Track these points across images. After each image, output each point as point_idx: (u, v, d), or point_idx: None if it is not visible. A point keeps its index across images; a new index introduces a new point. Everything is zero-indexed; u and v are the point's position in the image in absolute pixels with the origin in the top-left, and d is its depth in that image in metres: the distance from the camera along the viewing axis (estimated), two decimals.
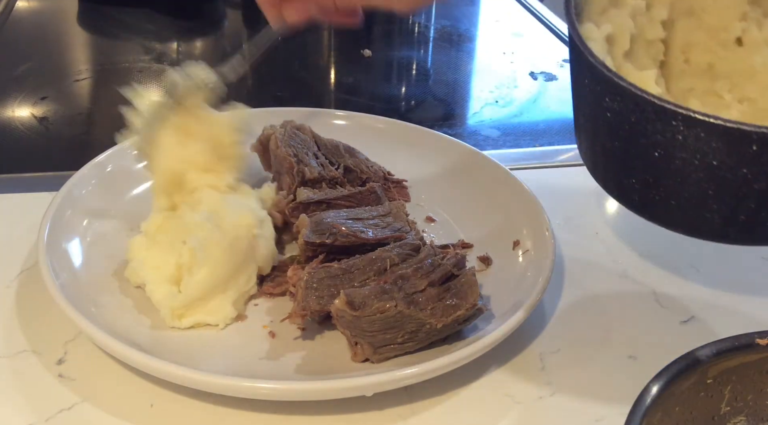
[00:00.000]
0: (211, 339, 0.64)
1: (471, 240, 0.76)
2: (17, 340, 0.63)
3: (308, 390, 0.56)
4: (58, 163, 0.88)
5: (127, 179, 0.80)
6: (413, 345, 0.61)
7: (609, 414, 0.60)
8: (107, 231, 0.74)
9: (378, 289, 0.60)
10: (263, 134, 0.81)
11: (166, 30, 1.38)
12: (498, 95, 1.17)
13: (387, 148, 0.87)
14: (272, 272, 0.71)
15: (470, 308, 0.60)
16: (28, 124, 1.02)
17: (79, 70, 1.20)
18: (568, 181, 0.91)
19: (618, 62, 0.58)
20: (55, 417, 0.57)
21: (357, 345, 0.61)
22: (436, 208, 0.82)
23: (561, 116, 1.12)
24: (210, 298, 0.65)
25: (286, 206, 0.72)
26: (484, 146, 0.99)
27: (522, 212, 0.76)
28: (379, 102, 1.18)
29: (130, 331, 0.62)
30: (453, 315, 0.59)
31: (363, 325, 0.59)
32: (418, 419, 0.58)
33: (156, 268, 0.66)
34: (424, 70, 1.33)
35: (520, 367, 0.64)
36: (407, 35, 1.48)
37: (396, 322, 0.59)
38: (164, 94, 0.71)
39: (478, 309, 0.61)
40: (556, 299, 0.71)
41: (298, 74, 1.25)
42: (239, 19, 1.47)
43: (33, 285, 0.68)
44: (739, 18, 0.60)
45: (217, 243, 0.65)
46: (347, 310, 0.58)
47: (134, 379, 0.60)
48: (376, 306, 0.58)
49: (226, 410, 0.58)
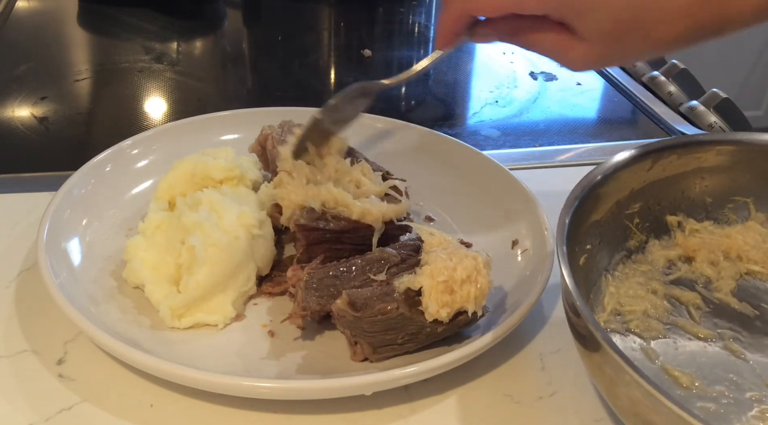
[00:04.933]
0: (211, 339, 0.64)
1: (470, 239, 0.76)
2: (17, 340, 0.63)
3: (308, 390, 0.56)
4: (58, 163, 0.88)
5: (126, 179, 0.81)
6: (413, 345, 0.61)
7: (609, 414, 0.60)
8: (107, 231, 0.74)
9: (380, 291, 0.60)
10: (261, 134, 0.81)
11: (166, 30, 1.38)
12: (498, 95, 1.17)
13: (387, 148, 0.87)
14: (271, 272, 0.71)
15: (473, 313, 0.60)
16: (28, 124, 1.02)
17: (79, 70, 1.20)
18: (567, 181, 0.91)
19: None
20: (55, 417, 0.57)
21: (356, 345, 0.61)
22: (435, 207, 0.82)
23: (561, 116, 1.12)
24: (209, 298, 0.65)
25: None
26: (484, 146, 0.99)
27: (521, 212, 0.76)
28: (379, 102, 1.17)
29: (130, 331, 0.62)
30: (455, 320, 0.59)
31: (364, 326, 0.59)
32: (418, 418, 0.59)
33: (155, 268, 0.66)
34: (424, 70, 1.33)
35: (520, 367, 0.64)
36: (407, 35, 1.48)
37: (397, 324, 0.59)
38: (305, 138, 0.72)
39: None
40: (556, 299, 0.71)
41: (298, 74, 1.25)
42: (239, 19, 1.47)
43: (33, 285, 0.68)
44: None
45: (217, 243, 0.65)
46: (349, 311, 0.58)
47: (134, 379, 0.60)
48: (378, 307, 0.58)
49: (226, 410, 0.58)
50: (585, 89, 1.21)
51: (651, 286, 0.67)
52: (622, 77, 1.23)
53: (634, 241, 0.70)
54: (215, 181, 0.75)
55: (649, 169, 0.68)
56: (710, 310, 0.66)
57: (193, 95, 1.17)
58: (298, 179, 0.72)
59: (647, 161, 0.67)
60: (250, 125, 0.86)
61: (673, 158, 0.68)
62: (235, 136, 0.90)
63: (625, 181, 0.66)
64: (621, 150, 0.67)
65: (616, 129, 1.10)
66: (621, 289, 0.66)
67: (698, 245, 0.70)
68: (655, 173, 0.68)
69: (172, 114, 1.09)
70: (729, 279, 0.68)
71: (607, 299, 0.65)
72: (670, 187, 0.70)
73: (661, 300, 0.66)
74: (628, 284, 0.67)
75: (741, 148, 0.70)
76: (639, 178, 0.68)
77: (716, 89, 1.13)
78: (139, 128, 1.01)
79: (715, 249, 0.70)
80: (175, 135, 0.87)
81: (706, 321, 0.65)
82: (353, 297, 0.59)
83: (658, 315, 0.64)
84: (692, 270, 0.70)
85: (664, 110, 1.12)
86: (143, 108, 1.11)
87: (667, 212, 0.71)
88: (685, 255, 0.70)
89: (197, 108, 1.03)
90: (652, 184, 0.69)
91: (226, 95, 1.21)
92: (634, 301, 0.65)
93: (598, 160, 0.97)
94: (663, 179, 0.69)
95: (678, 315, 0.65)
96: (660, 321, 0.64)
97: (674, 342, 0.62)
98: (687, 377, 0.58)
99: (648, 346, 0.61)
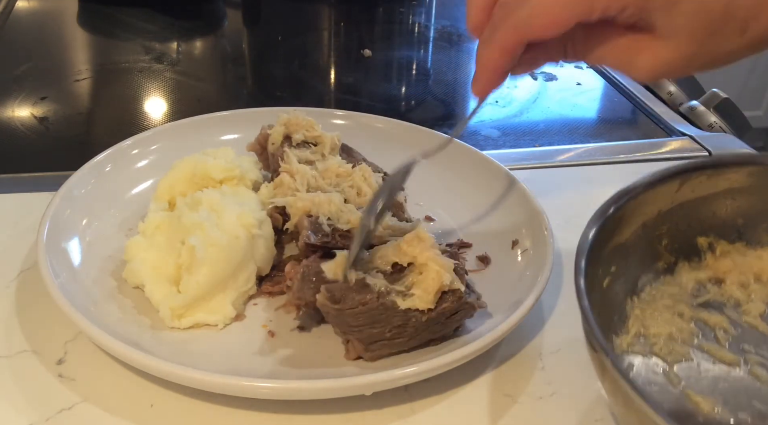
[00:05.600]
0: (211, 339, 0.64)
1: (470, 239, 0.76)
2: (17, 340, 0.63)
3: (308, 390, 0.56)
4: (58, 163, 0.88)
5: (126, 179, 0.81)
6: (404, 341, 0.61)
7: (609, 414, 0.60)
8: (107, 230, 0.74)
9: (359, 283, 0.60)
10: (261, 134, 0.81)
11: (166, 30, 1.38)
12: (498, 95, 1.17)
13: (387, 148, 0.87)
14: (271, 272, 0.71)
15: (456, 301, 0.60)
16: (28, 124, 1.02)
17: (79, 70, 1.20)
18: (568, 181, 0.91)
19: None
20: (55, 417, 0.57)
21: (348, 343, 0.61)
22: (435, 207, 0.82)
23: (561, 116, 1.12)
24: (209, 298, 0.65)
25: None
26: (484, 146, 0.99)
27: (521, 211, 0.76)
28: (379, 102, 1.18)
29: (130, 331, 0.62)
30: (440, 307, 0.59)
31: (348, 320, 0.59)
32: (418, 418, 0.59)
33: (155, 269, 0.66)
34: (424, 70, 1.33)
35: (520, 367, 0.64)
36: (407, 35, 1.48)
37: (380, 315, 0.59)
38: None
39: (467, 303, 0.61)
40: (556, 299, 0.71)
41: (298, 74, 1.25)
42: (239, 19, 1.47)
43: (33, 285, 0.68)
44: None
45: (217, 243, 0.65)
46: (329, 304, 0.58)
47: (134, 379, 0.60)
48: (357, 298, 0.58)
49: (226, 410, 0.58)
50: (585, 89, 1.21)
51: (678, 309, 0.65)
52: (622, 77, 1.23)
53: (662, 263, 0.68)
54: (215, 181, 0.75)
55: (677, 190, 0.65)
56: (738, 334, 0.64)
57: (193, 95, 1.17)
58: (300, 183, 0.72)
59: (674, 183, 0.65)
60: (250, 125, 0.86)
61: (702, 179, 0.66)
62: (235, 136, 0.90)
63: (651, 202, 0.64)
64: (621, 150, 0.66)
65: (616, 129, 1.10)
66: (647, 312, 0.64)
67: (729, 267, 0.68)
68: (683, 194, 0.66)
69: (172, 114, 1.09)
70: (759, 302, 0.67)
71: (632, 321, 0.63)
72: (699, 208, 0.68)
73: (687, 323, 0.64)
74: (655, 306, 0.65)
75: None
76: (666, 200, 0.66)
77: (716, 89, 1.13)
78: (139, 128, 1.01)
79: (746, 271, 0.68)
80: (175, 135, 0.87)
81: (732, 345, 0.63)
82: (332, 290, 0.59)
83: (683, 339, 0.63)
84: (722, 292, 0.68)
85: (664, 110, 1.12)
86: (143, 108, 1.11)
87: (697, 233, 0.69)
88: (715, 277, 0.69)
89: (197, 108, 1.03)
90: (681, 205, 0.66)
91: (226, 95, 1.21)
92: (659, 324, 0.63)
93: (598, 159, 0.98)
94: (692, 200, 0.67)
95: (704, 338, 0.64)
96: (685, 345, 0.63)
97: (698, 366, 0.61)
98: (709, 403, 0.57)
99: (671, 371, 0.60)
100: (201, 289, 0.64)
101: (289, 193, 0.71)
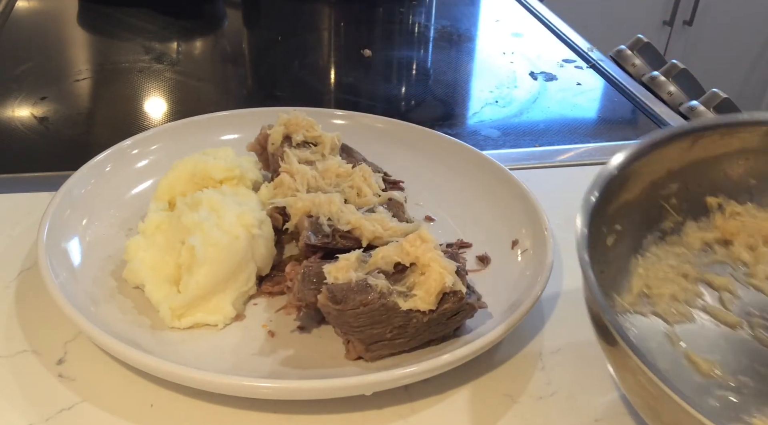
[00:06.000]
0: (211, 339, 0.64)
1: (470, 239, 0.76)
2: (17, 340, 0.63)
3: (308, 390, 0.56)
4: (58, 163, 0.88)
5: (126, 179, 0.81)
6: (404, 341, 0.61)
7: (609, 414, 0.60)
8: (106, 230, 0.74)
9: (361, 283, 0.60)
10: (261, 134, 0.81)
11: (166, 30, 1.38)
12: (498, 95, 1.17)
13: (387, 148, 0.87)
14: (271, 272, 0.71)
15: (457, 302, 0.60)
16: (28, 124, 1.02)
17: (79, 70, 1.20)
18: (568, 181, 0.91)
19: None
20: (55, 417, 0.57)
21: (349, 343, 0.61)
22: (435, 207, 0.82)
23: (561, 116, 1.12)
24: (209, 298, 0.65)
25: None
26: (484, 146, 0.99)
27: (521, 212, 0.76)
28: (379, 102, 1.18)
29: (130, 331, 0.62)
30: (441, 307, 0.59)
31: (349, 320, 0.59)
32: (418, 418, 0.59)
33: (155, 268, 0.66)
34: (424, 70, 1.33)
35: (520, 367, 0.64)
36: (407, 35, 1.48)
37: (381, 316, 0.59)
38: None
39: (468, 304, 0.61)
40: (556, 299, 0.71)
41: (298, 74, 1.25)
42: (239, 19, 1.47)
43: (33, 285, 0.68)
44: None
45: (216, 243, 0.65)
46: (330, 304, 0.58)
47: (134, 379, 0.60)
48: (359, 299, 0.58)
49: (226, 410, 0.58)
50: (585, 89, 1.21)
51: (683, 269, 0.64)
52: (622, 77, 1.23)
53: (669, 222, 0.66)
54: (215, 181, 0.75)
55: (689, 148, 0.64)
56: (743, 297, 0.62)
57: (193, 95, 1.17)
58: (300, 183, 0.72)
59: (687, 140, 0.63)
60: (250, 125, 0.87)
61: (715, 138, 0.64)
62: (235, 136, 0.90)
63: (661, 160, 0.63)
64: (621, 150, 0.66)
65: (616, 129, 1.10)
66: (650, 271, 0.63)
67: (738, 228, 0.66)
68: (695, 153, 0.64)
69: (172, 114, 1.09)
70: (766, 265, 0.65)
71: (635, 280, 0.61)
72: (711, 168, 0.66)
73: (692, 284, 0.63)
74: (659, 266, 0.63)
75: None
76: (677, 158, 0.64)
77: (716, 89, 1.13)
78: (139, 128, 1.01)
79: (755, 233, 0.66)
80: (175, 135, 0.87)
81: (737, 307, 0.61)
82: (333, 291, 0.59)
83: (687, 299, 0.61)
84: (729, 254, 0.66)
85: (664, 110, 1.12)
86: (143, 108, 1.11)
87: (707, 193, 0.67)
88: (722, 239, 0.66)
89: (197, 108, 1.03)
90: (692, 164, 0.65)
91: (226, 95, 1.21)
92: (662, 284, 0.62)
93: (598, 159, 0.97)
94: (704, 159, 0.65)
95: (708, 300, 0.62)
96: (688, 306, 0.61)
97: (700, 328, 0.59)
98: (707, 364, 0.56)
99: (672, 330, 0.59)
100: (201, 289, 0.64)
101: (289, 193, 0.72)
